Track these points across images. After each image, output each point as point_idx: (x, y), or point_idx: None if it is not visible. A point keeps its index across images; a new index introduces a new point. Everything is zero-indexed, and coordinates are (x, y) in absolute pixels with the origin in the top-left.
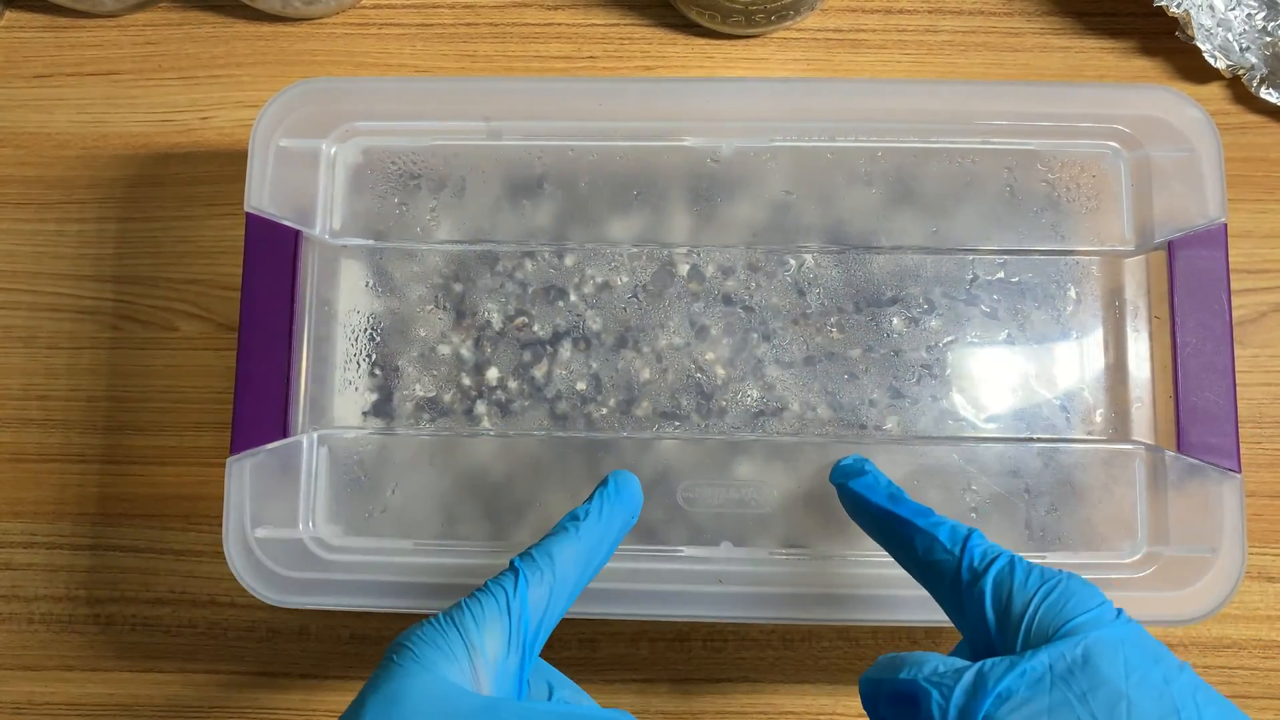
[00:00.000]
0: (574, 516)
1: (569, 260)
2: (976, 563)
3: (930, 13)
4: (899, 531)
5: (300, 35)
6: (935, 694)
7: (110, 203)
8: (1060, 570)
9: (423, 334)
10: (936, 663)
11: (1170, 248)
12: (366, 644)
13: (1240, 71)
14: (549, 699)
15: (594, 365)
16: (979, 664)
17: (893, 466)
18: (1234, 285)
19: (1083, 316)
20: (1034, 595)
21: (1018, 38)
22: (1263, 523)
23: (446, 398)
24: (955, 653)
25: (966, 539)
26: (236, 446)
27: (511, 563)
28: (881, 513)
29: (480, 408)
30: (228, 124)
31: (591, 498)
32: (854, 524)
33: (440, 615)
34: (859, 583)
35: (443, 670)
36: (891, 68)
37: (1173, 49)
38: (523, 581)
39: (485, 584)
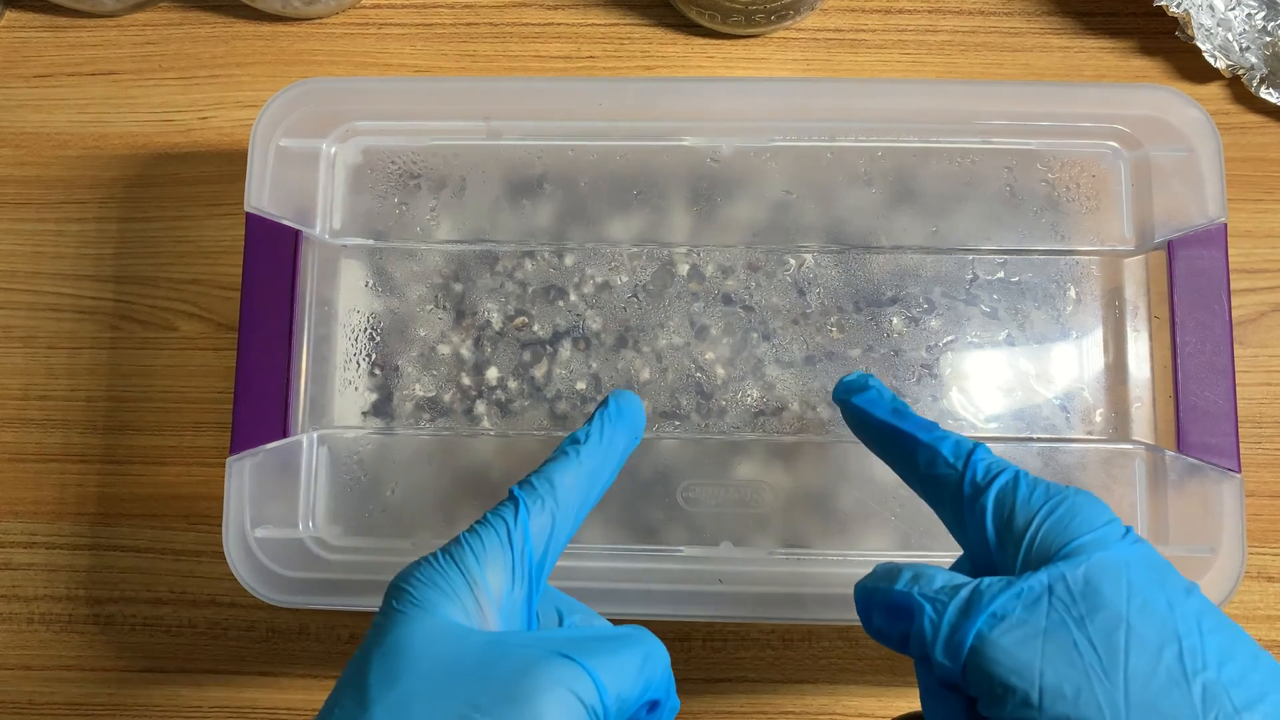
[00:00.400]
0: (574, 440)
1: (569, 260)
2: (979, 477)
3: (930, 13)
4: (902, 445)
5: (300, 35)
6: (929, 609)
7: (110, 203)
8: (1067, 486)
9: (423, 334)
10: (934, 576)
11: (1170, 248)
12: None
13: (1240, 71)
14: (559, 626)
15: (594, 365)
16: (975, 581)
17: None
18: (1234, 285)
19: (1082, 316)
20: (1037, 512)
21: (1018, 38)
22: (1262, 522)
23: (446, 398)
24: (955, 567)
25: (970, 453)
26: (236, 446)
27: (511, 491)
28: (885, 427)
29: (480, 407)
30: (227, 124)
31: (591, 419)
32: (854, 524)
33: (439, 553)
34: None
35: (445, 611)
36: (891, 68)
37: (1173, 49)
38: (523, 510)
39: (484, 516)
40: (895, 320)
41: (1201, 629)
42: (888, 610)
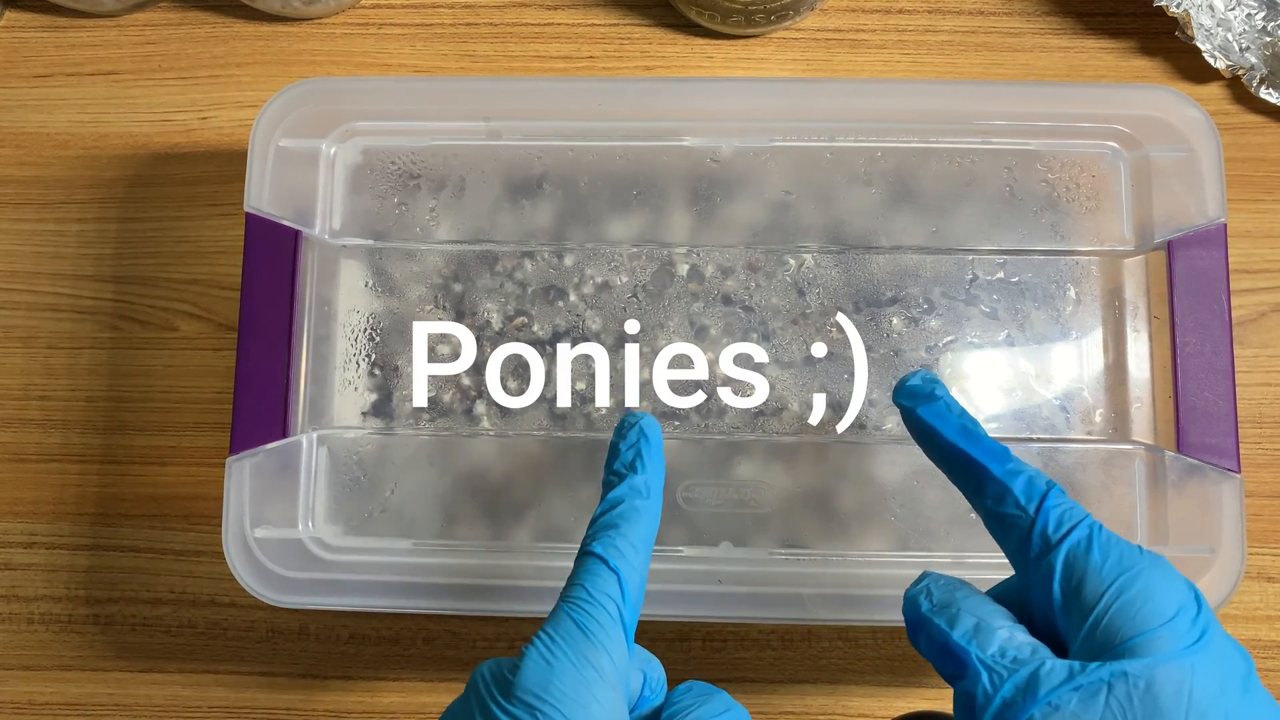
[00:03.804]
0: (636, 491)
1: (568, 260)
2: (1050, 530)
3: (930, 13)
4: (970, 472)
5: (300, 35)
6: (984, 676)
7: (110, 203)
8: (1143, 555)
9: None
10: (993, 633)
11: (1170, 248)
12: (366, 644)
13: (1240, 71)
14: (643, 684)
15: (594, 365)
16: (1036, 662)
17: (892, 467)
18: (1234, 285)
19: (1082, 316)
20: (1107, 590)
21: (1017, 38)
22: (1262, 523)
23: (446, 398)
24: (1005, 588)
25: (1043, 498)
26: (236, 446)
27: (607, 562)
28: (952, 449)
29: (480, 408)
30: (227, 124)
31: (643, 462)
32: (854, 524)
33: (565, 653)
34: (859, 583)
35: (591, 712)
36: (891, 68)
37: (1173, 49)
38: (625, 585)
39: (587, 591)
40: (895, 320)
41: None
42: (939, 649)
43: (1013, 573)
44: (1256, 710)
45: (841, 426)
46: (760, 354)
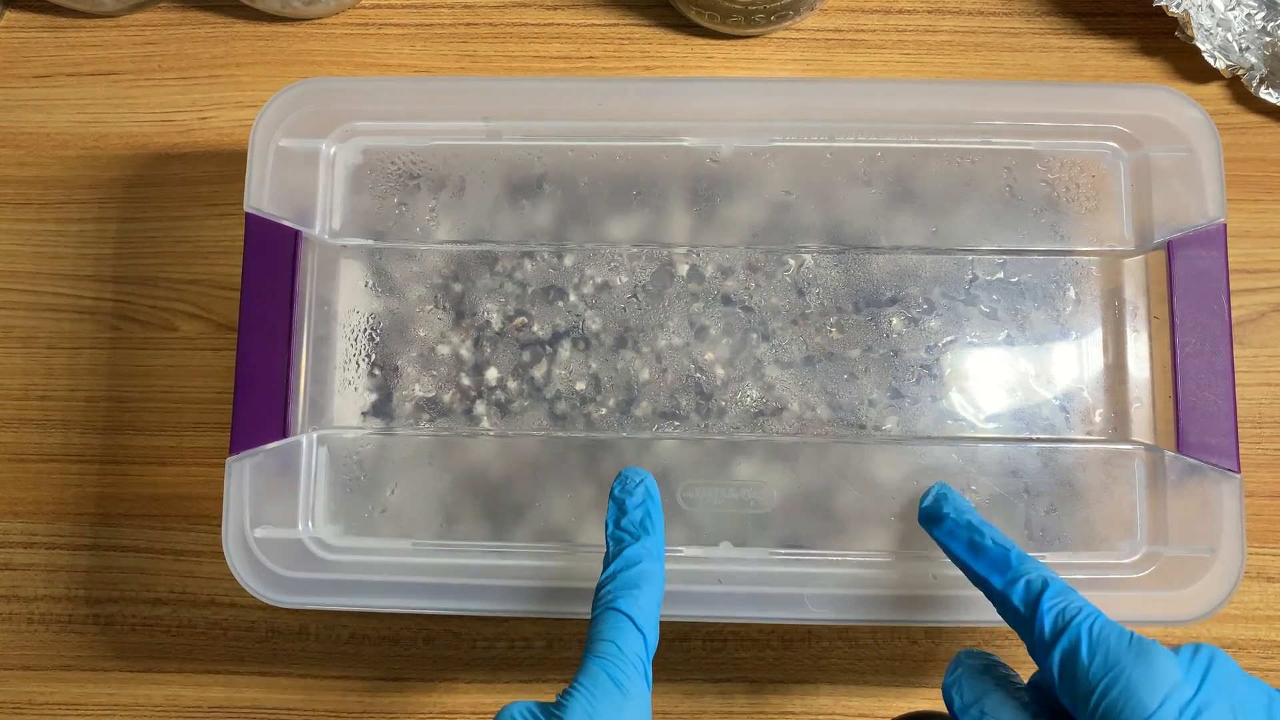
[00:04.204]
0: (650, 554)
1: (568, 260)
2: (1047, 635)
3: (930, 13)
4: (978, 584)
5: (300, 35)
6: None
7: (110, 203)
8: (1130, 648)
9: (422, 334)
10: None
11: (1170, 248)
12: (366, 644)
13: (1240, 71)
14: None
15: (593, 365)
16: None
17: (892, 467)
18: (1233, 285)
19: (1082, 317)
20: (1094, 691)
21: (1017, 38)
22: (1262, 523)
23: (446, 398)
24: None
25: (1038, 600)
26: (236, 446)
27: (635, 621)
28: (961, 564)
29: (480, 408)
30: (227, 124)
31: (652, 523)
32: (854, 524)
33: (603, 703)
34: (859, 583)
35: None
36: (891, 68)
37: (1172, 49)
38: (649, 646)
39: (619, 649)
40: (895, 320)
41: None
42: None
43: None
44: None
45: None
46: (760, 354)
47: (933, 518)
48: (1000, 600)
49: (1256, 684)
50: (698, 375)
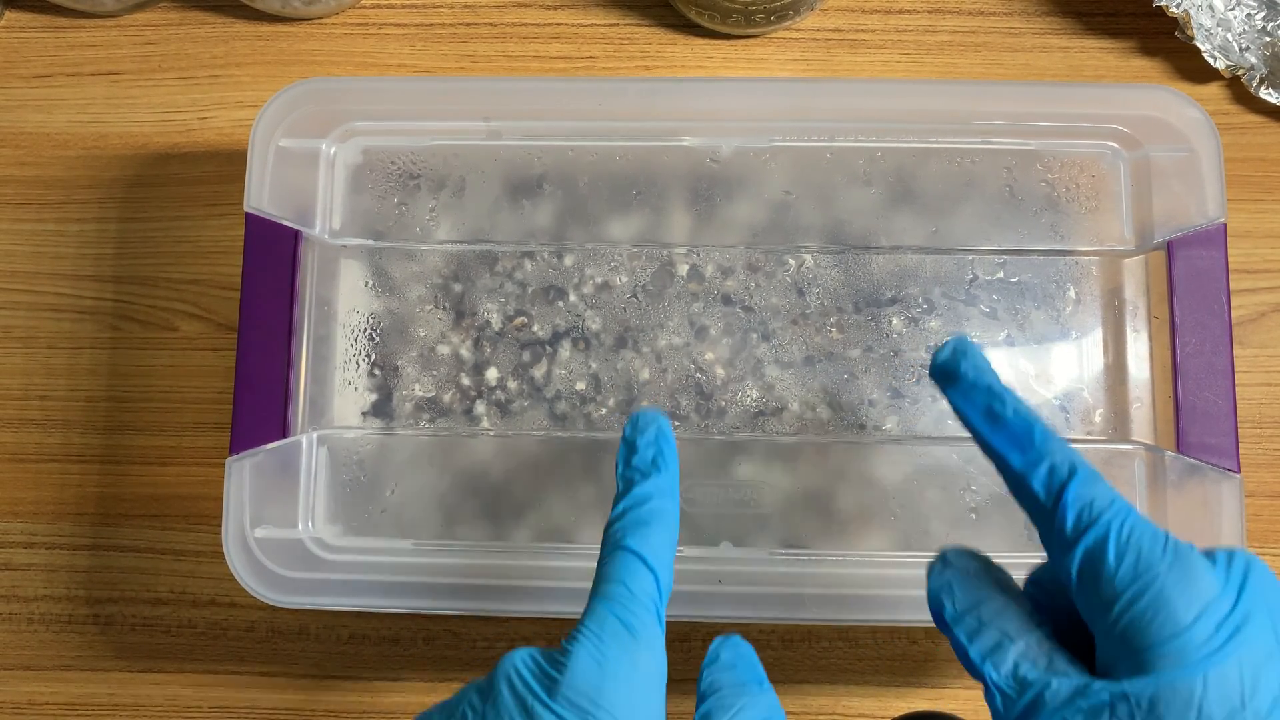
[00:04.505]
0: (662, 492)
1: (568, 260)
2: (1068, 529)
3: (930, 13)
4: (995, 460)
5: (300, 35)
6: (998, 698)
7: (110, 203)
8: (1165, 553)
9: (422, 334)
10: (1009, 654)
11: (1170, 248)
12: (366, 644)
13: (1240, 71)
14: None
15: (593, 365)
16: (1042, 686)
17: (892, 467)
18: (1234, 285)
19: (1082, 317)
20: (1119, 599)
21: (1017, 38)
22: (1262, 523)
23: (446, 398)
24: (1040, 574)
25: (1062, 489)
26: (236, 446)
27: (645, 560)
28: (976, 435)
29: (480, 408)
30: (227, 124)
31: (664, 462)
32: (854, 524)
33: (612, 647)
34: (859, 583)
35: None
36: (891, 68)
37: (1172, 49)
38: (661, 586)
39: (629, 590)
40: (895, 320)
41: None
42: (958, 649)
43: None
44: None
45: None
46: (760, 354)
47: (947, 374)
48: (1017, 482)
49: None
50: (698, 375)
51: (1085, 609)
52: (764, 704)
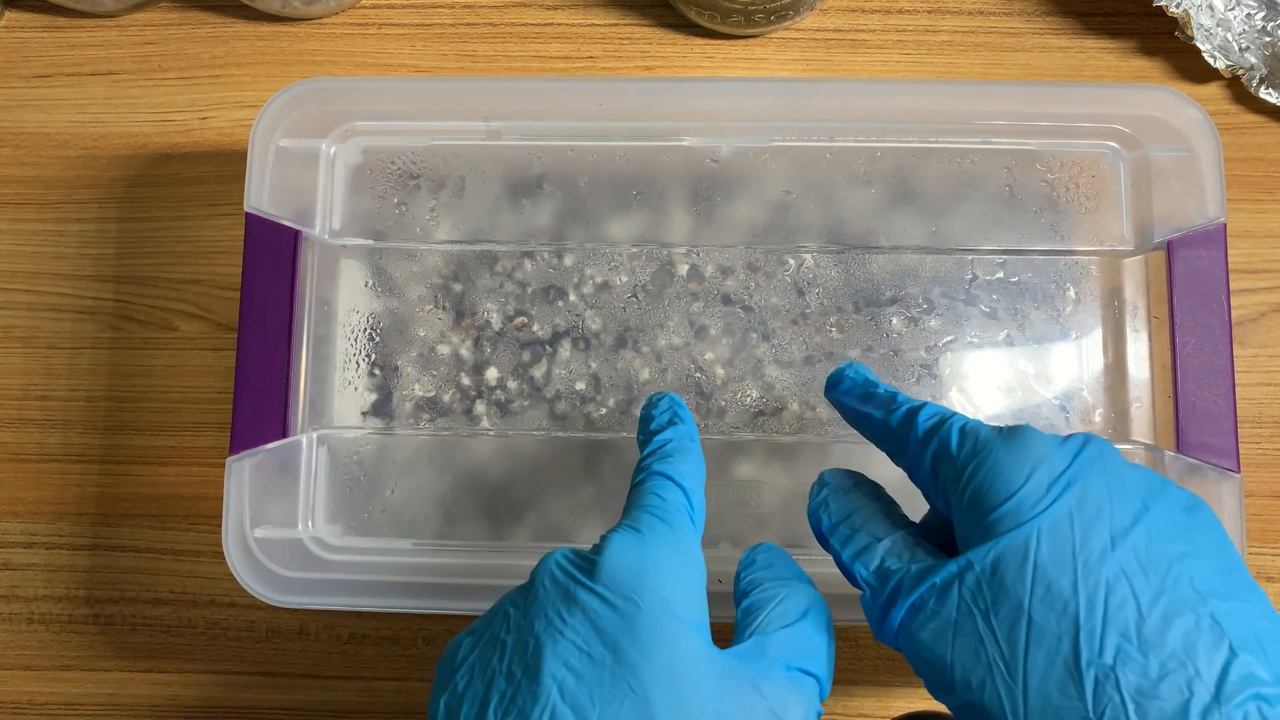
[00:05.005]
0: (683, 435)
1: (568, 260)
2: (920, 435)
3: (930, 13)
4: (870, 429)
5: (300, 35)
6: (867, 592)
7: (110, 203)
8: (1000, 433)
9: (422, 334)
10: (876, 552)
11: (1169, 248)
12: (366, 644)
13: (1240, 71)
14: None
15: (593, 365)
16: (902, 572)
17: (892, 467)
18: (1233, 285)
19: (1082, 316)
20: (960, 477)
21: (1017, 38)
22: (1262, 523)
23: (446, 398)
24: (929, 516)
25: (915, 414)
26: (236, 446)
27: (674, 479)
28: (855, 414)
29: (480, 408)
30: (227, 124)
31: (679, 417)
32: None
33: (647, 535)
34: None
35: (686, 619)
36: (891, 68)
37: (1172, 49)
38: (694, 506)
39: (661, 498)
40: (895, 320)
41: (1108, 605)
42: (837, 560)
43: None
44: (1121, 570)
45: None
46: (760, 354)
47: (834, 384)
48: (881, 430)
49: (1139, 469)
50: (698, 375)
51: (939, 499)
52: (805, 593)
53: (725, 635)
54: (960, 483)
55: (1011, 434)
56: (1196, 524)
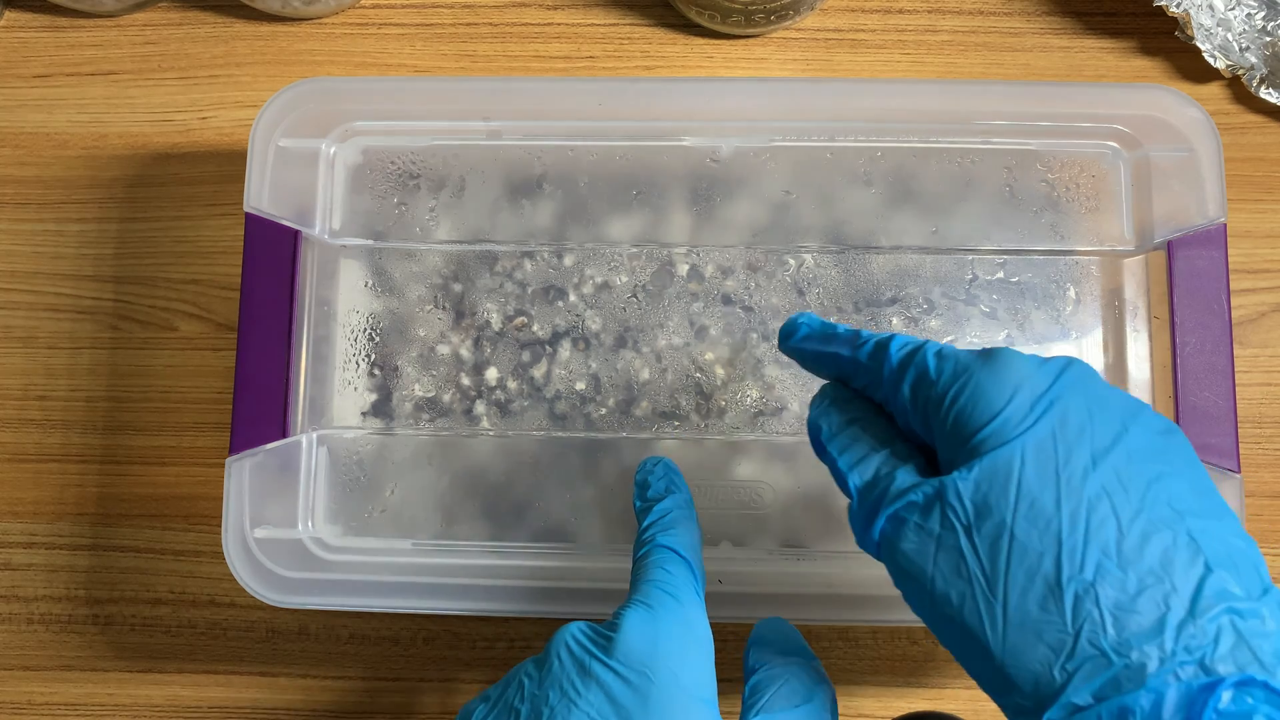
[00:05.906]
0: (680, 504)
1: (568, 260)
2: (894, 366)
3: (930, 13)
4: (838, 368)
5: (300, 35)
6: (855, 500)
7: (110, 203)
8: (982, 354)
9: (422, 334)
10: (871, 463)
11: (1170, 248)
12: (366, 644)
13: (1240, 71)
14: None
15: (593, 365)
16: (887, 484)
17: None
18: (1234, 285)
19: (1082, 317)
20: (942, 402)
21: (1018, 38)
22: (1263, 523)
23: (446, 398)
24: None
25: (885, 346)
26: (236, 446)
27: (678, 553)
28: (818, 355)
29: (480, 408)
30: (227, 124)
31: (675, 485)
32: None
33: (659, 613)
34: (859, 583)
35: (698, 690)
36: (891, 68)
37: (1173, 49)
38: (698, 578)
39: (668, 573)
40: (895, 320)
41: (1090, 522)
42: (834, 472)
43: None
44: (1102, 488)
45: None
46: (760, 354)
47: (790, 333)
48: (850, 366)
49: (1117, 391)
50: (698, 375)
51: (921, 426)
52: (811, 676)
53: (721, 632)
54: (942, 406)
55: (991, 356)
56: (1172, 446)
